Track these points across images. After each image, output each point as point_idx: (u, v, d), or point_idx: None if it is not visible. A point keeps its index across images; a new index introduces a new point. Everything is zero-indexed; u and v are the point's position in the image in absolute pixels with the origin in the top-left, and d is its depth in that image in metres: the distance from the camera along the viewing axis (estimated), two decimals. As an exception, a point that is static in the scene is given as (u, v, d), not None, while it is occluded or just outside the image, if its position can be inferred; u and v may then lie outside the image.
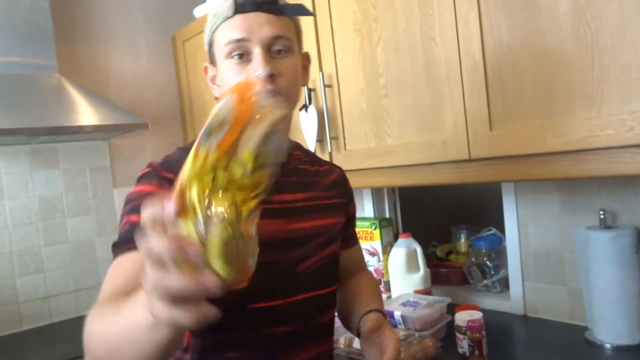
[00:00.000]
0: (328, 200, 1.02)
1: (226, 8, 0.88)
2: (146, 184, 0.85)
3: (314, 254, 0.95)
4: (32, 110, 1.85)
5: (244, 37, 0.86)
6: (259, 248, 0.59)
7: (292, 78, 0.90)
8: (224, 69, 0.90)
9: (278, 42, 0.88)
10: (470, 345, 1.24)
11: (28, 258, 2.12)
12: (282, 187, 0.93)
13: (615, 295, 1.20)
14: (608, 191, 1.32)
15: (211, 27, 0.92)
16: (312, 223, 0.96)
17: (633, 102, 0.93)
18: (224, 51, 0.88)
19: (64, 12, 2.24)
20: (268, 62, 0.86)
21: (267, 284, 0.86)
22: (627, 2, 0.92)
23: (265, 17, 0.87)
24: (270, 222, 0.88)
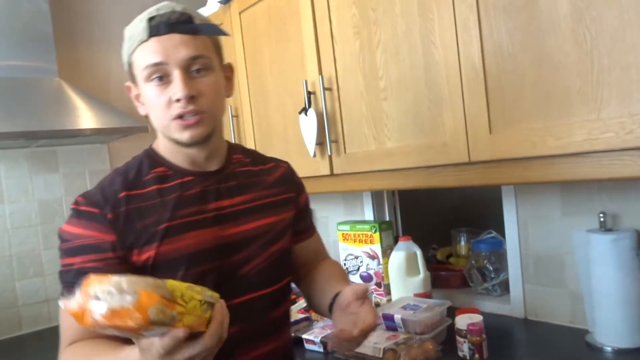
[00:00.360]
0: (272, 198, 1.05)
1: (141, 31, 0.90)
2: (72, 224, 0.91)
3: (257, 255, 0.99)
4: (32, 113, 1.85)
5: (161, 61, 0.88)
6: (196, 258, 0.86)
7: (214, 95, 0.93)
8: (146, 91, 0.92)
9: (196, 62, 0.90)
10: (471, 349, 1.23)
11: (28, 261, 2.12)
12: (219, 193, 0.98)
13: (615, 298, 1.20)
14: (608, 194, 1.32)
15: (128, 49, 0.93)
16: (254, 224, 0.99)
17: (633, 104, 0.93)
18: (143, 74, 0.91)
19: (64, 16, 2.24)
20: (187, 84, 0.88)
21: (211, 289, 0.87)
22: (627, 5, 0.92)
23: (180, 39, 0.89)
24: (204, 232, 0.93)
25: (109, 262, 0.88)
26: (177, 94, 0.88)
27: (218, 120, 0.97)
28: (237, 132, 2.02)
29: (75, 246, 0.89)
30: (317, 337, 1.45)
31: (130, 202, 0.92)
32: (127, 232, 0.90)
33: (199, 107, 0.90)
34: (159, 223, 0.91)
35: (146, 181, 0.95)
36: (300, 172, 1.71)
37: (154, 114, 0.94)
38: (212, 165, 1.00)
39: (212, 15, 2.09)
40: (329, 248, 2.17)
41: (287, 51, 1.72)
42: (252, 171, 1.06)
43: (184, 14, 0.91)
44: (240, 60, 1.95)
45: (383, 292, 1.76)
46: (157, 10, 0.91)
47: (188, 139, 0.92)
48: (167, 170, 0.97)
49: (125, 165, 0.99)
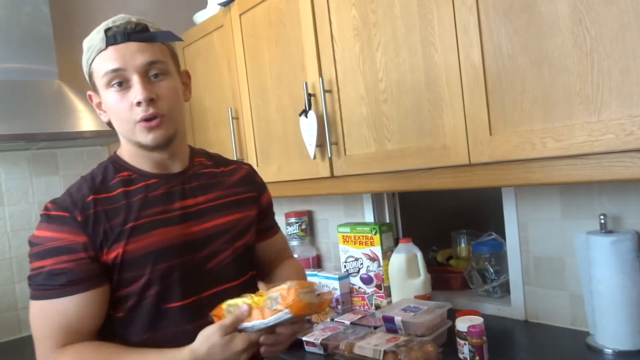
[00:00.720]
0: (235, 197, 1.11)
1: (99, 41, 0.96)
2: (41, 227, 0.96)
3: (223, 250, 1.05)
4: (32, 116, 1.85)
5: (119, 67, 0.94)
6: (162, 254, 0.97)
7: (172, 99, 0.99)
8: (107, 98, 0.98)
9: (153, 67, 0.96)
10: (471, 351, 1.23)
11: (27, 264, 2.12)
12: (184, 194, 1.04)
13: (616, 300, 1.20)
14: (609, 196, 1.32)
15: (87, 59, 1.00)
16: (218, 221, 1.06)
17: (633, 106, 0.93)
18: (103, 81, 0.97)
19: (64, 18, 2.24)
20: (146, 88, 0.94)
21: (178, 284, 0.99)
22: (626, 7, 0.93)
23: (136, 46, 0.95)
24: (173, 229, 1.00)
25: (81, 262, 0.93)
26: (137, 97, 0.94)
27: (178, 123, 1.02)
28: (237, 134, 2.02)
29: (47, 249, 0.93)
30: (317, 340, 1.45)
31: (98, 205, 0.96)
32: (96, 233, 0.94)
33: (158, 109, 0.96)
34: (125, 223, 0.96)
35: (112, 185, 1.00)
36: (300, 174, 1.72)
37: (116, 119, 0.99)
38: (176, 167, 1.06)
39: (213, 17, 2.09)
40: (329, 250, 2.19)
41: (288, 53, 1.73)
42: (214, 172, 1.12)
43: (139, 24, 0.97)
44: (240, 62, 1.95)
45: (383, 294, 1.76)
46: (113, 22, 0.97)
47: (152, 141, 0.97)
48: (132, 174, 1.02)
49: (90, 172, 1.04)
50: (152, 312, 0.98)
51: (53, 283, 0.93)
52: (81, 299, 0.93)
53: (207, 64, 2.17)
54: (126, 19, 0.97)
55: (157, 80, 0.97)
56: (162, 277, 0.98)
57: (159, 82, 0.97)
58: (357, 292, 1.84)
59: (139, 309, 0.98)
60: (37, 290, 0.94)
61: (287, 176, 1.78)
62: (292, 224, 2.18)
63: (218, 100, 2.13)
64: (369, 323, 1.60)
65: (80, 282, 0.93)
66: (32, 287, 0.95)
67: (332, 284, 1.85)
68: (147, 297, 0.97)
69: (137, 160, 1.03)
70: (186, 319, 0.99)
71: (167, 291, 0.98)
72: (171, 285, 0.99)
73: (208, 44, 2.16)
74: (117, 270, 0.96)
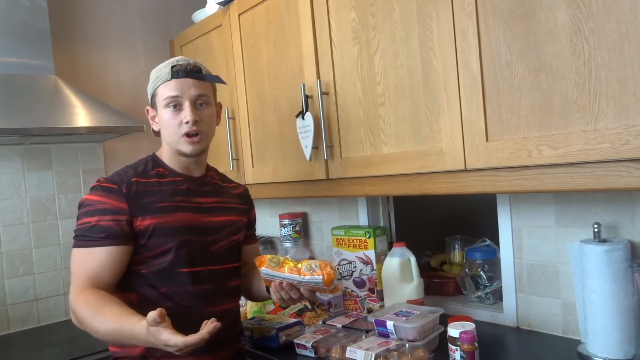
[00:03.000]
0: (233, 205, 1.46)
1: (166, 73, 1.31)
2: (94, 194, 1.27)
3: (224, 239, 1.40)
4: (27, 110, 1.84)
5: (178, 95, 1.30)
6: (182, 230, 1.31)
7: (210, 122, 1.36)
8: (163, 115, 1.32)
9: (201, 98, 1.32)
10: (463, 357, 1.23)
11: (18, 260, 2.10)
12: (200, 193, 1.39)
13: (608, 309, 1.20)
14: (603, 205, 1.32)
15: (154, 84, 1.33)
16: (222, 218, 1.40)
17: (630, 116, 0.94)
18: (163, 102, 1.31)
19: (61, 14, 2.23)
20: (194, 112, 1.30)
21: (188, 255, 1.30)
22: (625, 17, 0.93)
23: (192, 82, 1.31)
24: (190, 215, 1.33)
25: (120, 222, 1.24)
26: (187, 118, 1.29)
27: (210, 140, 1.38)
28: (233, 134, 2.01)
29: (97, 208, 1.25)
30: (308, 342, 1.45)
31: (139, 185, 1.30)
32: (135, 204, 1.27)
33: (200, 128, 1.31)
34: (157, 202, 1.30)
35: (150, 174, 1.34)
36: (295, 175, 1.72)
37: (166, 130, 1.33)
38: (197, 173, 1.40)
39: (212, 16, 2.09)
40: (323, 252, 2.18)
41: (286, 54, 1.72)
42: (221, 185, 1.48)
43: (196, 66, 1.33)
44: (238, 62, 1.95)
45: (376, 298, 1.76)
46: (177, 61, 1.32)
47: (191, 151, 1.32)
48: (165, 171, 1.37)
49: (135, 162, 1.38)
50: (167, 273, 1.28)
51: (95, 235, 1.22)
52: (113, 250, 1.23)
53: (205, 63, 2.15)
54: (187, 61, 1.33)
55: (202, 108, 1.32)
56: (178, 247, 1.29)
57: (202, 109, 1.32)
58: (349, 295, 1.83)
59: (158, 269, 1.28)
60: (81, 240, 1.24)
61: (283, 177, 1.78)
62: (286, 225, 2.18)
63: (215, 99, 2.12)
64: (361, 327, 1.59)
65: (116, 237, 1.23)
66: (77, 238, 1.25)
67: (324, 286, 1.84)
68: (166, 260, 1.28)
69: (171, 162, 1.37)
70: (192, 282, 1.30)
71: (181, 259, 1.29)
72: (183, 255, 1.29)
73: (206, 43, 2.15)
74: (148, 236, 1.26)
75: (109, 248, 1.22)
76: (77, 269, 1.24)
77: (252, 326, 1.57)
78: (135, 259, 1.27)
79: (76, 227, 1.27)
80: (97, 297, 1.18)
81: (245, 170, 1.97)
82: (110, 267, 1.23)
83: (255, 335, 1.55)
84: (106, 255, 1.22)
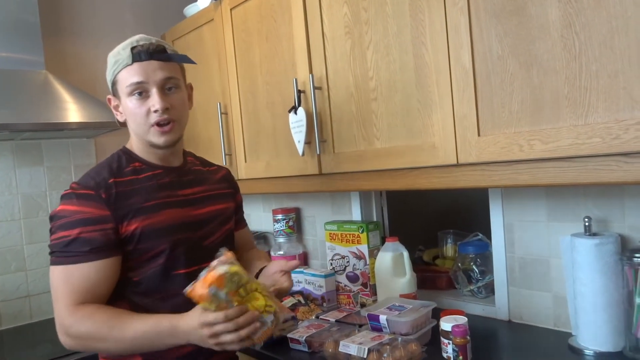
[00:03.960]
0: (219, 191, 1.36)
1: (126, 57, 1.15)
2: (70, 204, 1.12)
3: (216, 231, 1.30)
4: (18, 105, 1.82)
5: (142, 80, 1.15)
6: (172, 230, 1.19)
7: (182, 107, 1.22)
8: (127, 104, 1.18)
9: (169, 81, 1.17)
10: (455, 350, 1.24)
11: (9, 256, 2.09)
12: (183, 184, 1.27)
13: (598, 302, 1.21)
14: (594, 199, 1.33)
15: (113, 71, 1.18)
16: (211, 208, 1.30)
17: (620, 110, 0.94)
18: (126, 90, 1.16)
19: (51, 8, 2.21)
20: (163, 99, 1.15)
21: (183, 255, 1.20)
22: (615, 12, 0.93)
23: (157, 64, 1.16)
24: (178, 211, 1.22)
25: (106, 232, 1.11)
26: (155, 106, 1.15)
27: (184, 127, 1.25)
28: (225, 129, 2.01)
29: (75, 220, 1.10)
30: (302, 337, 1.45)
31: (118, 186, 1.16)
32: (118, 209, 1.14)
33: (171, 116, 1.17)
34: (141, 202, 1.17)
35: (126, 172, 1.20)
36: (288, 170, 1.72)
37: (133, 121, 1.19)
38: (175, 162, 1.28)
39: (203, 11, 2.08)
40: (316, 247, 2.19)
41: (278, 49, 1.72)
42: (202, 170, 1.36)
43: (160, 45, 1.17)
44: (230, 57, 1.94)
45: (369, 293, 1.76)
46: (137, 42, 1.16)
47: (163, 142, 1.19)
48: (142, 165, 1.23)
49: (106, 160, 1.23)
50: (161, 276, 1.18)
51: (78, 250, 1.09)
52: (102, 264, 1.11)
53: (197, 58, 2.15)
54: (148, 40, 1.17)
55: (171, 92, 1.18)
56: (171, 248, 1.18)
57: (172, 94, 1.18)
58: (342, 289, 1.84)
59: (151, 273, 1.18)
60: (61, 257, 1.10)
61: (275, 172, 1.78)
62: (279, 220, 2.18)
63: (207, 95, 2.11)
64: (354, 321, 1.60)
65: (102, 249, 1.11)
66: (55, 254, 1.11)
67: (318, 281, 1.85)
68: (159, 264, 1.18)
69: (145, 154, 1.24)
70: (187, 284, 1.14)
71: (174, 260, 1.19)
72: (178, 256, 1.19)
73: (198, 37, 2.14)
74: (136, 241, 1.15)
75: (97, 263, 1.10)
76: (61, 288, 1.10)
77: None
78: (124, 265, 1.16)
79: (51, 241, 1.11)
80: (101, 309, 1.09)
81: (238, 165, 1.96)
82: (101, 282, 1.11)
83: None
84: (95, 270, 1.10)
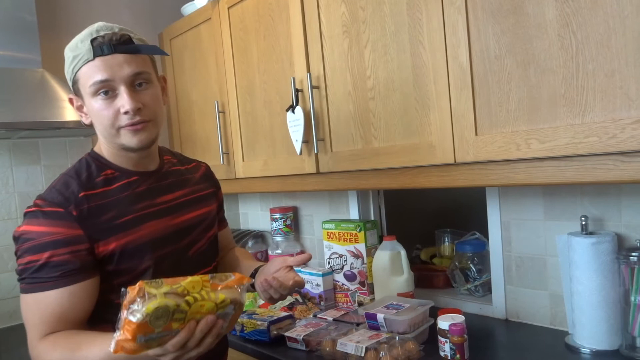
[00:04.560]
0: (201, 192, 1.22)
1: (85, 51, 0.99)
2: (36, 224, 0.98)
3: (201, 238, 1.16)
4: (15, 104, 1.82)
5: (107, 78, 0.98)
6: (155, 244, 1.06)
7: (156, 105, 1.06)
8: (92, 104, 1.02)
9: (138, 77, 1.01)
10: (452, 349, 1.24)
11: (6, 255, 2.08)
12: (162, 190, 1.13)
13: (595, 300, 1.22)
14: (590, 198, 1.33)
15: (73, 67, 1.03)
16: (194, 214, 1.17)
17: (616, 109, 0.94)
18: (90, 90, 1.00)
19: (48, 6, 2.20)
20: (133, 98, 1.00)
21: (169, 271, 1.02)
22: (612, 12, 0.94)
23: (123, 58, 0.99)
24: (159, 222, 1.09)
25: (79, 253, 0.98)
26: (125, 107, 0.99)
27: (159, 127, 1.09)
28: (223, 128, 2.01)
29: (43, 242, 0.96)
30: (299, 335, 1.45)
31: (90, 200, 1.02)
32: (92, 227, 1.00)
33: (144, 116, 1.02)
34: (118, 217, 1.03)
35: (98, 182, 1.06)
36: (286, 169, 1.72)
37: (100, 123, 1.03)
38: (151, 166, 1.14)
39: (201, 9, 2.07)
40: (313, 246, 2.19)
41: (276, 48, 1.72)
42: (181, 170, 1.22)
43: (124, 35, 1.01)
44: (228, 55, 1.93)
45: (366, 291, 1.77)
46: (97, 32, 1.00)
47: (137, 144, 1.03)
48: (114, 172, 1.08)
49: (72, 169, 1.08)
50: None
51: (48, 275, 0.96)
52: (75, 289, 0.98)
53: (194, 57, 2.15)
54: (110, 29, 1.01)
55: (142, 89, 1.03)
56: (155, 264, 1.06)
57: (143, 90, 1.03)
58: (340, 288, 1.84)
59: None
60: (31, 284, 0.97)
61: (273, 171, 1.78)
62: (277, 219, 2.18)
63: (204, 93, 2.11)
64: (352, 320, 1.60)
65: (76, 272, 0.98)
66: (25, 281, 0.98)
67: (315, 280, 1.85)
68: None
69: (118, 159, 1.09)
70: None
71: (160, 276, 1.00)
72: (164, 272, 1.03)
73: (195, 36, 2.14)
74: (115, 261, 1.02)
75: (70, 288, 0.97)
76: (32, 317, 0.98)
77: (243, 320, 1.57)
78: (103, 287, 1.03)
79: (19, 267, 0.99)
80: (62, 336, 0.97)
81: (235, 164, 1.96)
82: (76, 307, 0.99)
83: (247, 329, 1.56)
84: (68, 296, 0.97)
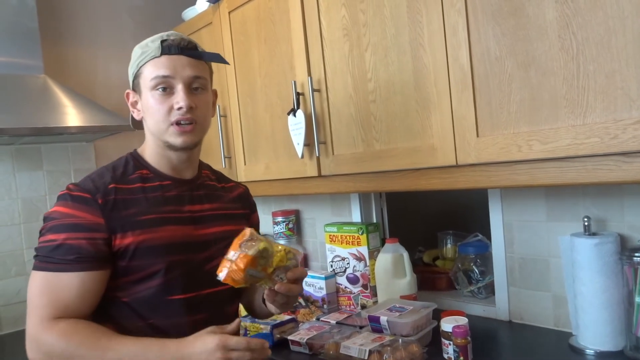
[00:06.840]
0: (232, 211, 1.22)
1: (154, 49, 1.07)
2: (63, 206, 1.02)
3: (219, 255, 1.07)
4: (17, 110, 1.83)
5: (169, 74, 1.05)
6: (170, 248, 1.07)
7: (206, 110, 1.12)
8: (148, 99, 1.07)
9: (197, 81, 1.08)
10: (456, 351, 1.24)
11: (10, 261, 2.09)
12: (192, 199, 1.14)
13: (598, 301, 1.21)
14: (593, 198, 1.33)
15: (139, 62, 1.09)
16: (217, 229, 1.15)
17: (617, 110, 0.94)
18: (150, 84, 1.06)
19: (50, 13, 2.21)
20: (188, 97, 1.06)
21: (181, 279, 1.07)
22: (612, 12, 0.94)
23: (187, 60, 1.07)
24: (181, 228, 1.09)
25: (95, 241, 1.00)
26: (179, 103, 1.05)
27: (205, 132, 1.13)
28: (224, 132, 2.01)
29: (64, 224, 1.00)
30: (302, 339, 1.45)
31: (118, 193, 1.05)
32: (114, 218, 1.03)
33: (194, 116, 1.07)
34: (141, 214, 1.05)
35: (131, 179, 1.09)
36: (288, 173, 1.72)
37: (152, 118, 1.08)
38: (187, 174, 1.16)
39: (202, 14, 2.08)
40: (316, 249, 2.19)
41: (277, 52, 1.72)
42: (216, 186, 1.23)
43: (191, 42, 1.10)
44: (229, 59, 1.94)
45: (369, 294, 1.76)
46: (167, 36, 1.08)
47: (181, 143, 1.07)
48: (149, 173, 1.12)
49: (112, 163, 1.13)
50: (154, 301, 1.05)
51: (62, 257, 0.99)
52: (86, 277, 1.00)
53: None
54: (179, 36, 1.09)
55: (197, 92, 1.09)
56: (167, 269, 1.06)
57: (198, 94, 1.09)
58: (343, 291, 1.84)
59: (142, 296, 1.05)
60: (44, 262, 1.00)
61: (275, 175, 1.78)
62: (279, 222, 2.18)
63: (206, 97, 2.12)
64: (355, 323, 1.60)
65: (90, 260, 1.00)
66: (39, 259, 1.01)
67: (318, 283, 1.85)
68: (152, 286, 1.05)
69: (157, 161, 1.13)
70: (184, 312, 1.07)
71: (171, 284, 1.06)
72: (175, 279, 1.06)
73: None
74: (129, 257, 1.03)
75: (82, 274, 0.99)
76: (38, 298, 0.99)
77: (246, 324, 1.57)
78: (114, 283, 1.04)
79: (39, 244, 1.02)
80: (80, 325, 0.98)
81: (237, 167, 1.96)
82: (84, 297, 1.00)
83: (250, 333, 1.56)
84: (78, 282, 0.99)
